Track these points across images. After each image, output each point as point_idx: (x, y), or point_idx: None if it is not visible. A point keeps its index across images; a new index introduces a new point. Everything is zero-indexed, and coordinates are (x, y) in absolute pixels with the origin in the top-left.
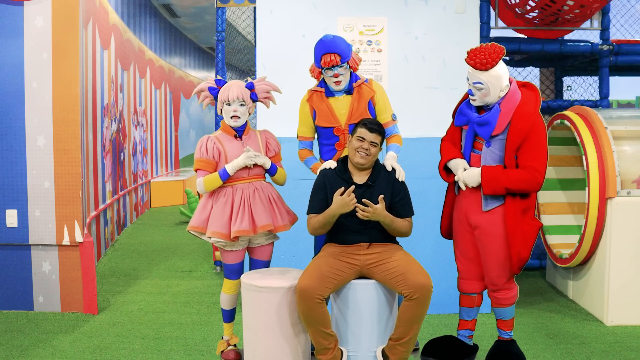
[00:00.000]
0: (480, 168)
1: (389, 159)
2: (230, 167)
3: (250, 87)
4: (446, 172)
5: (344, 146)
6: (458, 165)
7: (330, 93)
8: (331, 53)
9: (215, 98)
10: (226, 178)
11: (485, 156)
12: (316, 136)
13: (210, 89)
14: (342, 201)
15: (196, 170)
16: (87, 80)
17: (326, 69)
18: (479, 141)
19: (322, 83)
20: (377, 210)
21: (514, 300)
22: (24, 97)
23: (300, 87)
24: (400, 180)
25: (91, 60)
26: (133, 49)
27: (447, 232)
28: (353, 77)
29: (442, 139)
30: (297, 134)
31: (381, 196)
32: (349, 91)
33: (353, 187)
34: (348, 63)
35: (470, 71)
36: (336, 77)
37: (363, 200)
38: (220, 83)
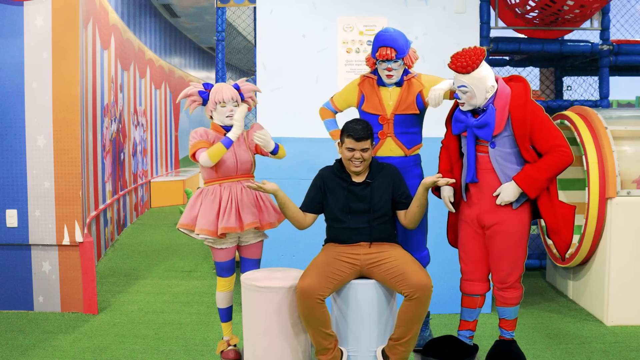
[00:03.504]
0: (512, 181)
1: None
2: (233, 134)
3: (237, 88)
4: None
5: (387, 135)
6: (445, 196)
7: (381, 82)
8: (388, 47)
9: (205, 101)
10: (230, 145)
11: (494, 156)
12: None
13: (201, 92)
14: None
15: (194, 154)
16: (87, 80)
17: (380, 61)
18: (481, 144)
19: (376, 71)
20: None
21: (519, 300)
22: (24, 97)
23: (300, 87)
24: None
25: (91, 60)
26: (133, 49)
27: (454, 240)
28: (405, 71)
29: (441, 149)
30: (331, 97)
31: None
32: (399, 83)
33: None
34: (403, 59)
35: (455, 75)
36: (389, 70)
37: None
38: (208, 86)
